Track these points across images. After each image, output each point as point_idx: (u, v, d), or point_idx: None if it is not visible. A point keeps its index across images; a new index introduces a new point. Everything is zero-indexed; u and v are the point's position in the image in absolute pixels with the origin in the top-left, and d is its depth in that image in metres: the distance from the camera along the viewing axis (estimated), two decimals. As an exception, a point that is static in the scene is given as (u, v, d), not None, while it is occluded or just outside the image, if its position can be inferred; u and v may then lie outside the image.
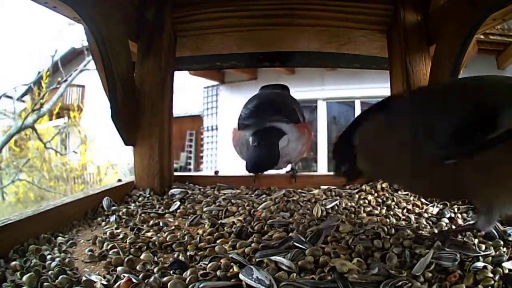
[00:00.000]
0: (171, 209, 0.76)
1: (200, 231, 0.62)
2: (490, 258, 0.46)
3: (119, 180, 0.94)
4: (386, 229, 0.58)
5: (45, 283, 0.43)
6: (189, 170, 7.17)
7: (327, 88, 5.09)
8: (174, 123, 0.97)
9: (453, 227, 0.62)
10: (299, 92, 5.19)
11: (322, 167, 5.17)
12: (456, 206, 0.72)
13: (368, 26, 0.93)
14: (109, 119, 0.83)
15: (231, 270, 0.45)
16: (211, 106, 5.78)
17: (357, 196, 0.83)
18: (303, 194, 0.86)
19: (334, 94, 5.16)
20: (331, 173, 0.69)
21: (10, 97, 4.99)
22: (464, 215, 0.68)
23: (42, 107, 4.90)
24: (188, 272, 0.45)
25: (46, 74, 5.05)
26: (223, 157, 5.35)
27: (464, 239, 0.53)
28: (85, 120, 6.76)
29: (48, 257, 0.51)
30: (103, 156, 6.01)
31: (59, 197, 5.14)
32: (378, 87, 4.78)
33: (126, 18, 0.88)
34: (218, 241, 0.57)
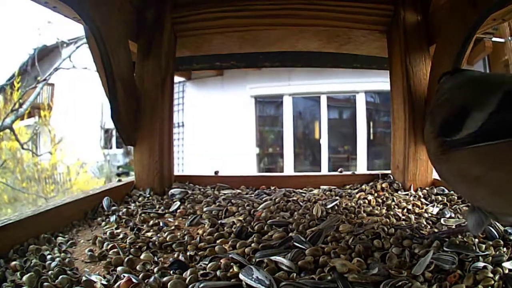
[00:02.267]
0: (171, 209, 0.76)
1: (200, 231, 0.62)
2: (490, 258, 0.46)
3: (119, 180, 0.94)
4: (386, 229, 0.58)
5: (45, 283, 0.43)
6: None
7: (293, 83, 5.06)
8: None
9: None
10: (265, 87, 5.15)
11: (288, 163, 5.18)
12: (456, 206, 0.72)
13: (368, 26, 0.93)
14: (110, 118, 0.83)
15: (231, 270, 0.45)
16: (177, 103, 5.66)
17: (357, 196, 0.83)
18: (303, 194, 0.87)
19: (300, 89, 5.13)
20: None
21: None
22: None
23: (21, 107, 4.83)
24: (188, 272, 0.45)
25: (18, 73, 4.97)
26: (190, 154, 5.34)
27: (464, 239, 0.53)
28: (54, 119, 6.62)
29: (48, 257, 0.51)
30: (73, 155, 5.92)
31: (32, 197, 5.05)
32: (344, 82, 4.78)
33: (126, 18, 0.88)
34: (218, 241, 0.57)
